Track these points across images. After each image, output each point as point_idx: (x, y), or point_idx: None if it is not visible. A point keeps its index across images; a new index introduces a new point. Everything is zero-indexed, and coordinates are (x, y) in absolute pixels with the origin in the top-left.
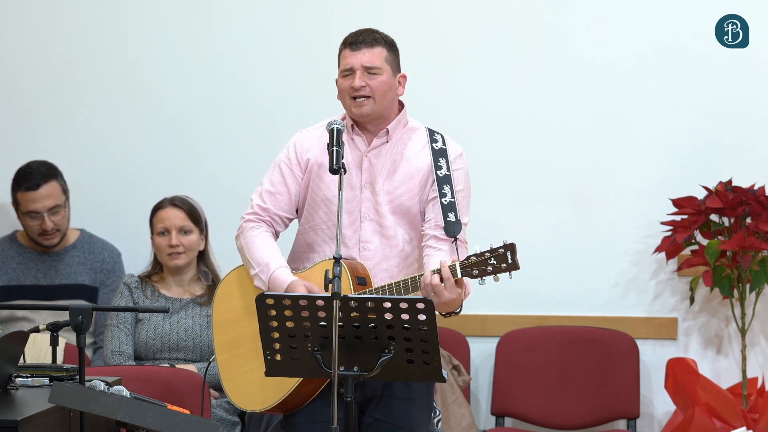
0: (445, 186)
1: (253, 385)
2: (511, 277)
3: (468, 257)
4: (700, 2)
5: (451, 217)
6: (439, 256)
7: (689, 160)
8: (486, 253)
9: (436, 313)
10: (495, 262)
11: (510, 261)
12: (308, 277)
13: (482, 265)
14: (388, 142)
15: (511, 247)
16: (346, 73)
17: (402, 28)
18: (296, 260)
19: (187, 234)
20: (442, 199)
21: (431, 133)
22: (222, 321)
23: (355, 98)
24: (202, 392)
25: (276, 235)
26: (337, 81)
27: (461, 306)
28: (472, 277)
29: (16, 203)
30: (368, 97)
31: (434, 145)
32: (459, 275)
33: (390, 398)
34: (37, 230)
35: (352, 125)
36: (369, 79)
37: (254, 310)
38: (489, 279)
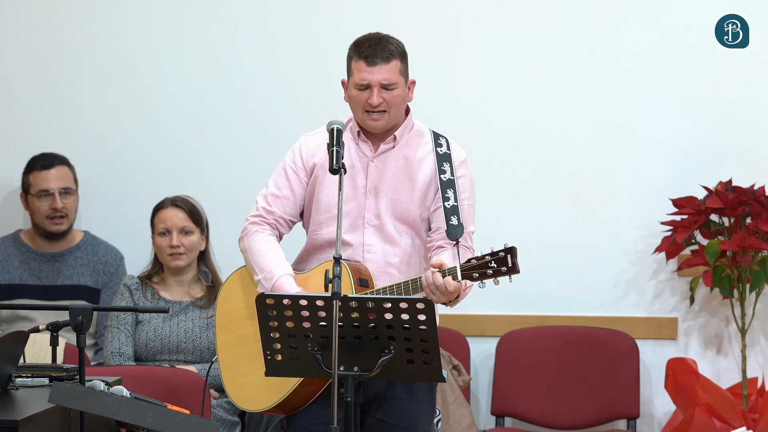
0: (448, 190)
1: (254, 385)
2: (511, 281)
3: (468, 260)
4: (700, 2)
5: (454, 221)
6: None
7: (689, 160)
8: (486, 256)
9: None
10: (495, 266)
11: (510, 264)
12: (308, 278)
13: (482, 268)
14: (394, 147)
15: (511, 251)
16: (362, 87)
17: (406, 31)
18: (301, 261)
19: (188, 234)
20: (445, 203)
21: (436, 136)
22: (224, 321)
23: (369, 112)
24: (204, 392)
25: (280, 237)
26: (347, 87)
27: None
28: (473, 279)
29: (26, 188)
30: (384, 111)
31: (438, 149)
32: (459, 277)
33: (392, 399)
34: (46, 211)
35: (359, 131)
36: (385, 95)
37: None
38: (489, 282)
